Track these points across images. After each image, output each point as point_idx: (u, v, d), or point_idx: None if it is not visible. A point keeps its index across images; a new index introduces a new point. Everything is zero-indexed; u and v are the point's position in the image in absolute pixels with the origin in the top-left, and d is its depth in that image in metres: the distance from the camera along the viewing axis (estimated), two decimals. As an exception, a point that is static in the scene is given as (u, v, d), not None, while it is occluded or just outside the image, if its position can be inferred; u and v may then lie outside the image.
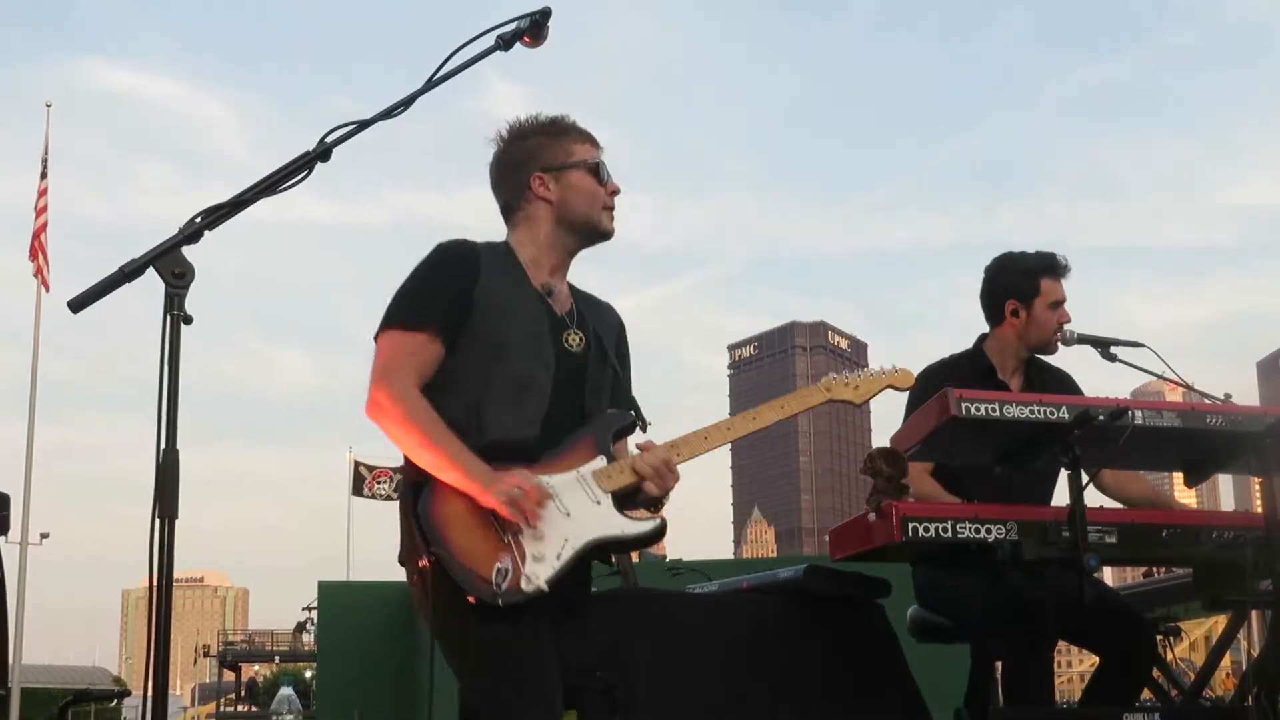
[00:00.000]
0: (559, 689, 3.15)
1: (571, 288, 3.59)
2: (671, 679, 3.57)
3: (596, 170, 3.52)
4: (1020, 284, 4.90)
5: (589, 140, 3.56)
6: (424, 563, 3.17)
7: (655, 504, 3.34)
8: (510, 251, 3.50)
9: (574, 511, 3.19)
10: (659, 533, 3.28)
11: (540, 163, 3.51)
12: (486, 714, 3.18)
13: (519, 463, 3.21)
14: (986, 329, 4.99)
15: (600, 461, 3.29)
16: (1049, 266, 4.93)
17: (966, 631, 4.59)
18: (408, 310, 3.35)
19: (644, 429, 3.50)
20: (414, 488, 3.22)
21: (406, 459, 3.27)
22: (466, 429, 3.26)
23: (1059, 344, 4.91)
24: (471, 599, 3.08)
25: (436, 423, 3.22)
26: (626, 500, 3.29)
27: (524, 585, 3.06)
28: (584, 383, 3.45)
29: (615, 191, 3.54)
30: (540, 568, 3.09)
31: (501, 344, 3.34)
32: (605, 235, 3.57)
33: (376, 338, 3.34)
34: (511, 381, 3.33)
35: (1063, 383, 4.97)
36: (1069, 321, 4.89)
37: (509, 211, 3.57)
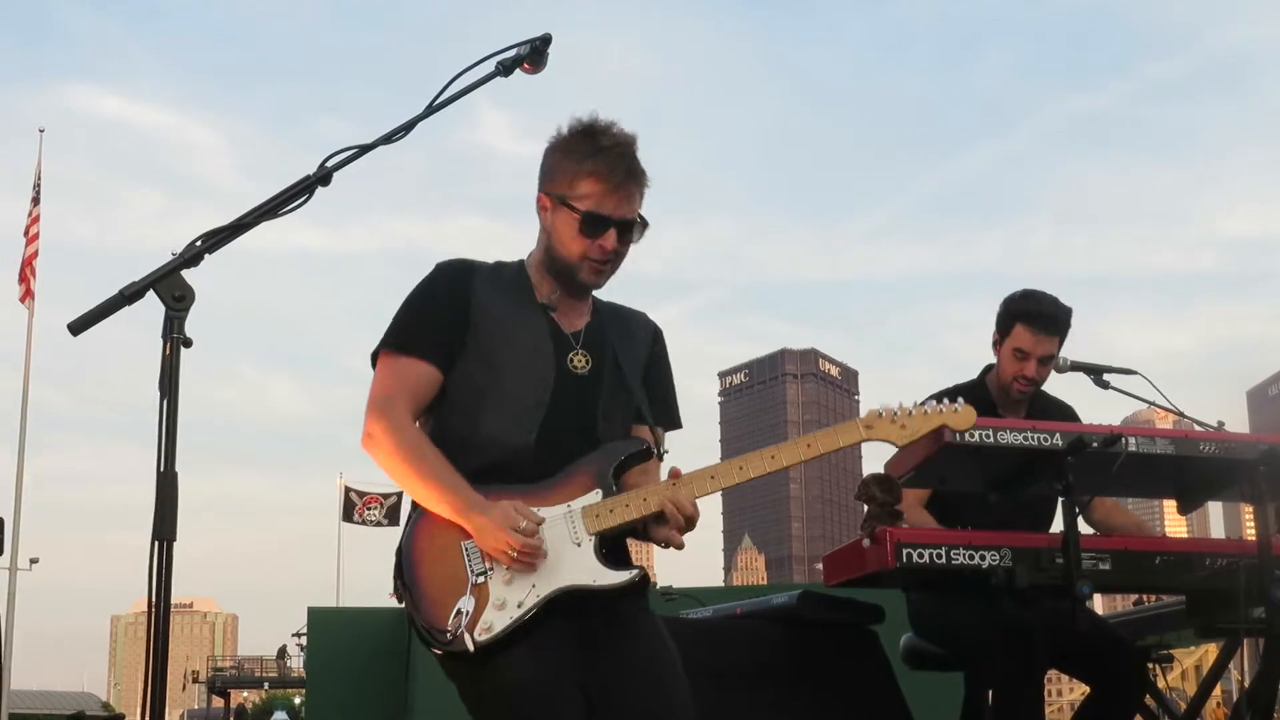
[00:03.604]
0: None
1: (596, 300, 3.41)
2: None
3: (590, 223, 3.19)
4: (1001, 320, 4.92)
5: (606, 179, 3.19)
6: (393, 595, 3.12)
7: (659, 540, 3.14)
8: (522, 269, 3.37)
9: (551, 553, 3.01)
10: (635, 586, 3.06)
11: (549, 184, 3.28)
12: None
13: (510, 486, 3.10)
14: (976, 358, 5.01)
15: (595, 496, 3.10)
16: (1025, 314, 4.87)
17: (960, 659, 4.60)
18: (402, 334, 3.25)
19: (660, 458, 3.30)
20: (406, 526, 3.15)
21: (404, 491, 3.21)
22: (462, 449, 3.17)
23: (1017, 393, 4.89)
24: (436, 651, 2.99)
25: (429, 455, 3.13)
26: (615, 541, 3.14)
27: (475, 635, 2.94)
28: (591, 404, 3.27)
29: (606, 251, 3.21)
30: (499, 616, 2.96)
31: (494, 363, 3.23)
32: (582, 288, 3.32)
33: (373, 361, 3.27)
34: (504, 401, 3.21)
35: (1063, 413, 4.98)
36: (1030, 376, 4.85)
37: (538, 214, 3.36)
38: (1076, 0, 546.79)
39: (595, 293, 3.40)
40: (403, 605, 3.12)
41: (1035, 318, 4.82)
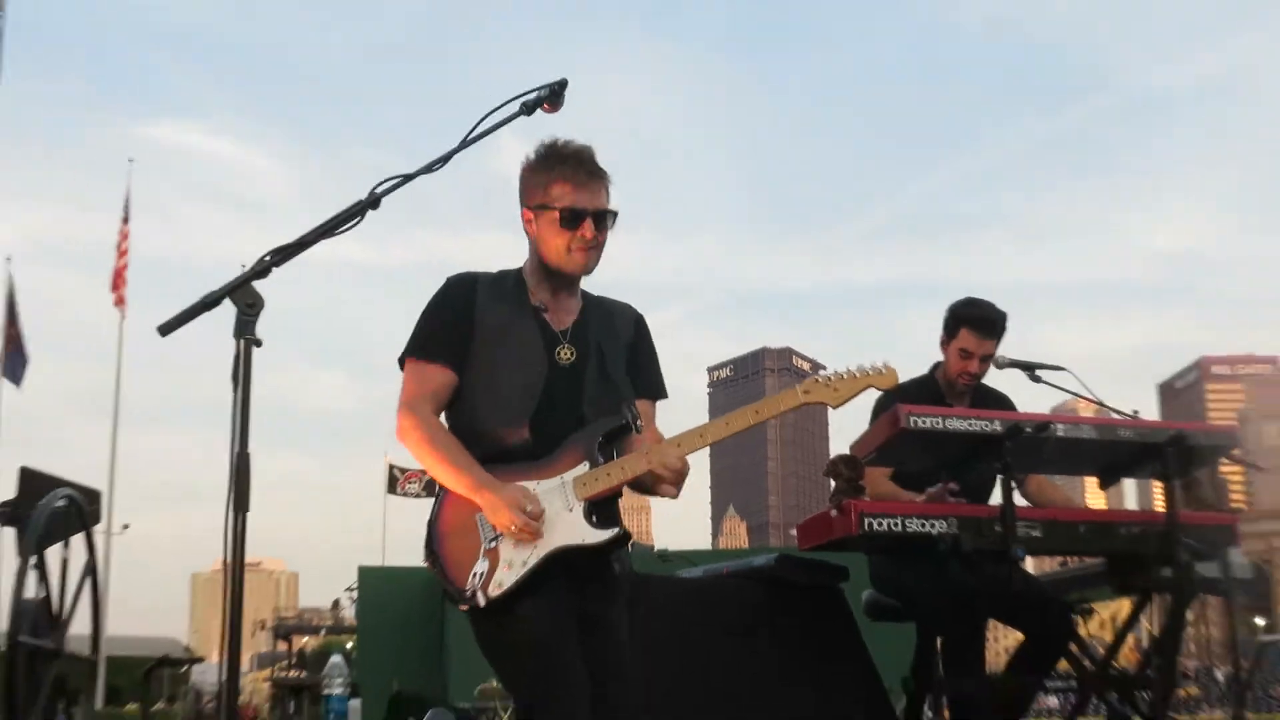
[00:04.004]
0: (579, 670, 3.04)
1: (586, 297, 3.40)
2: (666, 650, 3.55)
3: (568, 217, 3.20)
4: (948, 324, 4.88)
5: (571, 176, 3.22)
6: (426, 562, 3.16)
7: (652, 491, 3.21)
8: (520, 278, 3.36)
9: (548, 518, 3.07)
10: (619, 540, 3.11)
11: (527, 199, 3.28)
12: (531, 708, 3.08)
13: (513, 465, 3.14)
14: (935, 356, 4.98)
15: (584, 468, 3.14)
16: (969, 319, 4.81)
17: (913, 613, 4.57)
18: (421, 344, 3.28)
19: (637, 430, 3.28)
20: (435, 502, 3.20)
21: (431, 476, 3.24)
22: (474, 438, 3.20)
23: (962, 386, 4.82)
24: (463, 608, 3.05)
25: (449, 444, 3.18)
26: (604, 504, 3.15)
27: (488, 592, 3.01)
28: (580, 392, 3.27)
29: (587, 240, 3.20)
30: (508, 574, 3.02)
31: (494, 361, 3.24)
32: (574, 275, 3.31)
33: (401, 364, 3.29)
34: (503, 394, 3.23)
35: (1001, 403, 4.94)
36: (974, 372, 4.79)
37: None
38: (1029, 41, 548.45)
39: (585, 290, 3.38)
40: (434, 571, 3.16)
41: (978, 322, 4.78)
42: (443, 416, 3.31)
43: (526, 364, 3.25)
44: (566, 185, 3.20)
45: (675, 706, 3.61)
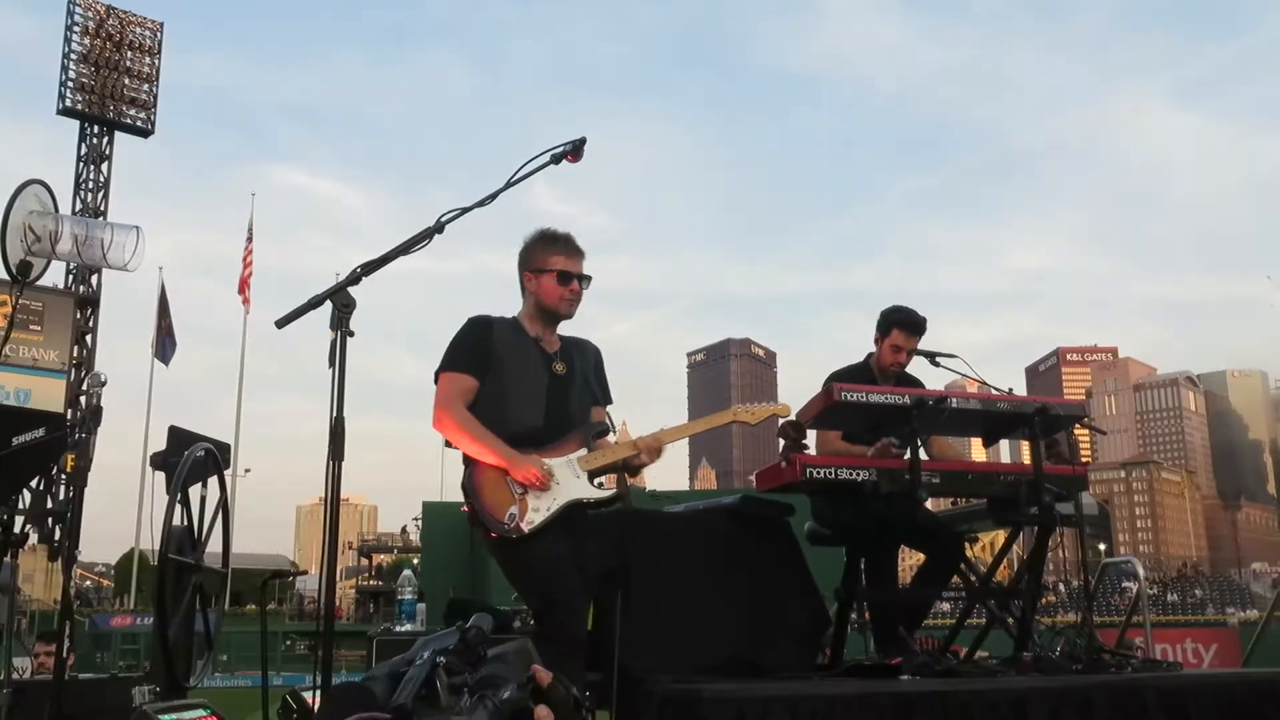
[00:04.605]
0: (578, 580, 3.25)
1: (562, 335, 3.64)
2: (656, 570, 3.56)
3: (562, 277, 3.50)
4: (882, 325, 4.85)
5: (564, 251, 3.53)
6: (466, 509, 3.38)
7: (636, 470, 3.51)
8: (518, 322, 3.58)
9: (562, 482, 3.31)
10: (617, 498, 3.38)
11: (529, 265, 3.55)
12: (541, 609, 3.28)
13: (530, 446, 3.35)
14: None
15: (583, 451, 3.39)
16: (900, 321, 4.77)
17: (843, 540, 4.57)
18: (453, 361, 3.47)
19: (614, 432, 3.59)
20: (467, 468, 3.38)
21: (463, 451, 3.42)
22: (494, 424, 3.38)
23: (892, 373, 4.77)
24: (493, 534, 3.25)
25: (479, 427, 3.37)
26: (599, 474, 3.40)
27: (524, 525, 3.21)
28: (569, 395, 3.52)
29: (574, 293, 3.51)
30: (536, 516, 3.23)
31: (511, 375, 3.46)
32: (563, 317, 3.58)
33: (437, 376, 3.48)
34: (521, 395, 3.45)
35: (913, 383, 4.92)
36: (903, 362, 4.77)
37: (520, 289, 3.61)
38: (919, 114, 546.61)
39: (560, 331, 3.63)
40: (472, 521, 3.37)
41: (907, 324, 4.77)
42: None
43: (534, 375, 3.49)
44: (561, 256, 3.53)
45: (662, 610, 3.63)
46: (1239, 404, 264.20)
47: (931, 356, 4.91)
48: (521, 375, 3.47)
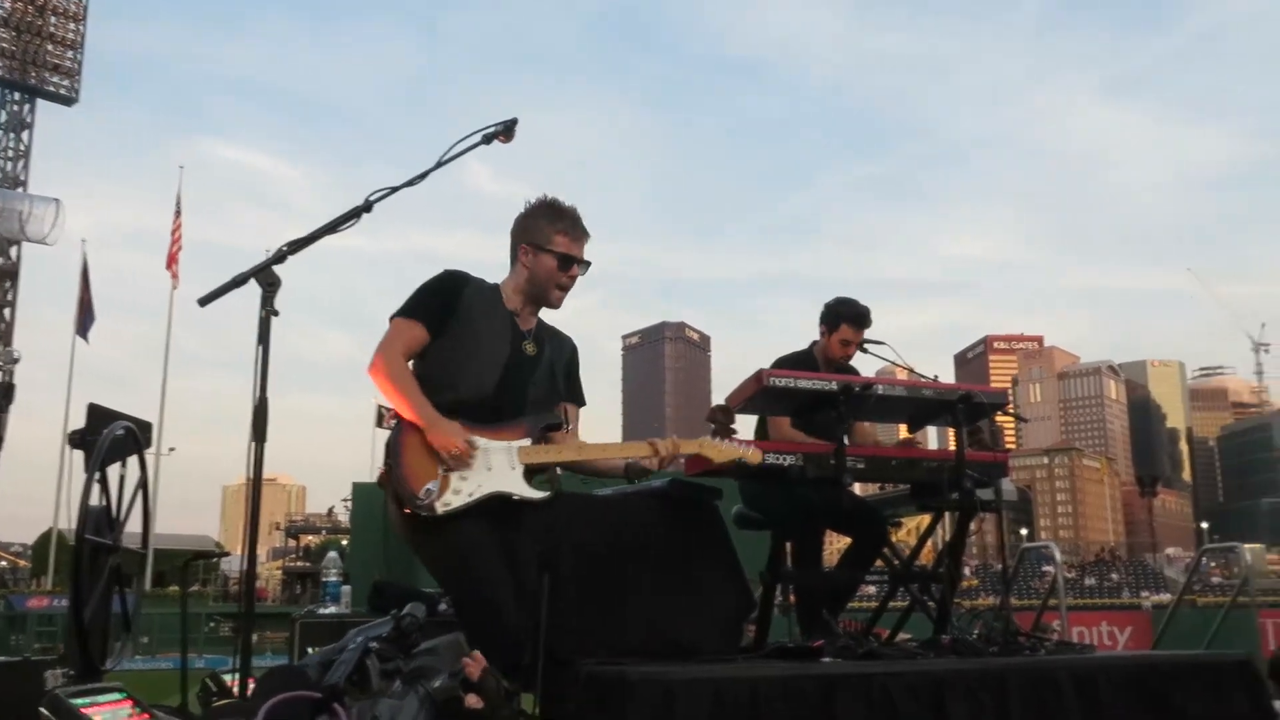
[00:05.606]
0: (502, 569, 3.07)
1: (539, 320, 3.46)
2: (585, 552, 3.56)
3: (563, 261, 3.35)
4: (830, 319, 4.93)
5: (570, 233, 3.36)
6: (382, 471, 3.13)
7: (644, 473, 3.43)
8: (496, 288, 3.39)
9: (494, 468, 3.10)
10: (545, 502, 3.20)
11: (530, 238, 3.36)
12: (460, 600, 3.12)
13: (473, 420, 3.13)
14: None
15: (527, 442, 3.19)
16: (849, 316, 4.89)
17: (770, 523, 4.61)
18: (412, 309, 3.27)
19: (566, 427, 3.42)
20: (395, 425, 3.16)
21: (389, 403, 3.22)
22: (443, 386, 3.18)
23: (840, 363, 4.89)
24: (405, 509, 3.02)
25: (408, 382, 3.14)
26: (539, 470, 3.21)
27: (438, 505, 3.00)
28: (529, 377, 3.33)
29: (571, 279, 3.36)
30: (455, 498, 3.03)
31: (476, 334, 3.26)
32: (551, 305, 3.42)
33: (390, 319, 3.26)
34: (476, 361, 3.24)
35: (849, 371, 4.99)
36: (851, 355, 4.88)
37: (511, 257, 3.43)
38: (858, 104, 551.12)
39: (541, 317, 3.45)
40: (384, 484, 3.12)
41: (855, 318, 4.88)
42: (411, 364, 3.27)
43: (498, 344, 3.29)
44: (566, 238, 3.34)
45: (591, 593, 3.63)
46: (1158, 393, 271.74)
47: (861, 344, 4.97)
48: (484, 341, 3.26)
